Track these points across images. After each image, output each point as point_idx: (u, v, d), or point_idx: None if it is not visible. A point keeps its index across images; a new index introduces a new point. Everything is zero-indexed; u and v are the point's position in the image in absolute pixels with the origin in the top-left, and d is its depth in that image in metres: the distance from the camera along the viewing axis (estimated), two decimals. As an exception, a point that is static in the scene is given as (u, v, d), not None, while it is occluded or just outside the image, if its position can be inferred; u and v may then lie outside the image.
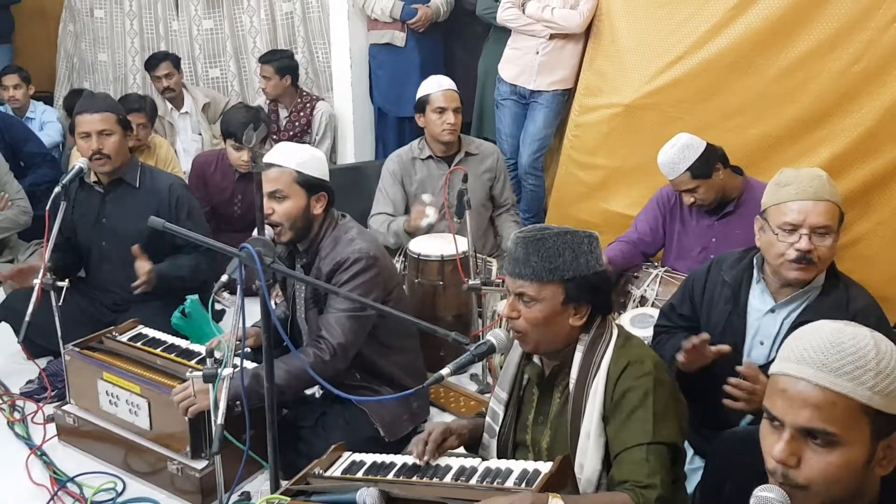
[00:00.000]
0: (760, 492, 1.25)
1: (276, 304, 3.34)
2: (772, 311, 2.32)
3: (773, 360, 2.31)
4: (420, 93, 3.78)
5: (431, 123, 3.71)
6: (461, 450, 2.14)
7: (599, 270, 1.95)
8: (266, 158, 2.60)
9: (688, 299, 2.53)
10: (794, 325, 2.29)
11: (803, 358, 1.23)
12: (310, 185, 2.64)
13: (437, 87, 3.74)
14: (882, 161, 3.28)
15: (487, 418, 2.13)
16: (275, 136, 5.03)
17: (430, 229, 3.51)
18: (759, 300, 2.36)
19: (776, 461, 1.24)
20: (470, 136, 4.10)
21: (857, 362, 1.20)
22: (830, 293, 2.27)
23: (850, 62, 3.31)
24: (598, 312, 1.97)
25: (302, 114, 5.12)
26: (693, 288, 2.52)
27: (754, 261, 2.39)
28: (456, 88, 3.79)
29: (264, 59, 5.03)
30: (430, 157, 3.77)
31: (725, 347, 2.25)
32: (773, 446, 1.25)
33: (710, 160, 3.12)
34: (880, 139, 3.27)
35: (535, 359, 2.05)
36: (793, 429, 1.23)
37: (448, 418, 3.02)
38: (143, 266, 3.13)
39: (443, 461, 2.00)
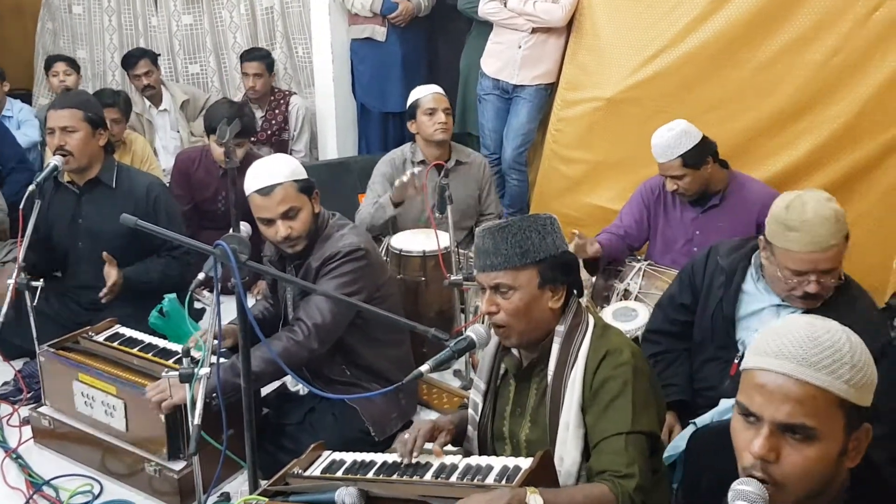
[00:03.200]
0: (738, 485, 1.24)
1: (255, 300, 3.32)
2: (777, 306, 2.36)
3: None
4: (410, 100, 3.82)
5: (423, 126, 3.73)
6: (448, 446, 2.12)
7: (566, 249, 1.97)
8: (257, 185, 2.54)
9: (688, 287, 2.58)
10: None
11: (782, 352, 1.23)
12: (307, 188, 2.62)
13: (425, 91, 3.79)
14: (862, 152, 3.29)
15: (470, 410, 2.13)
16: (252, 138, 4.98)
17: (406, 189, 3.47)
18: (761, 293, 2.39)
19: (756, 457, 1.23)
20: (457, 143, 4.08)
21: (833, 356, 1.21)
22: (840, 300, 2.29)
23: (830, 54, 3.31)
24: (572, 293, 1.98)
25: (277, 111, 5.07)
26: (693, 275, 2.57)
27: (752, 258, 2.43)
28: (444, 94, 3.83)
29: (251, 57, 4.95)
30: (422, 161, 3.78)
31: None
32: (751, 442, 1.24)
33: (704, 152, 3.14)
34: (860, 131, 3.28)
35: (514, 350, 2.04)
36: (772, 424, 1.22)
37: (432, 415, 3.01)
38: (111, 273, 3.10)
39: (423, 459, 1.99)
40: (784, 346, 1.23)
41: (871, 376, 1.24)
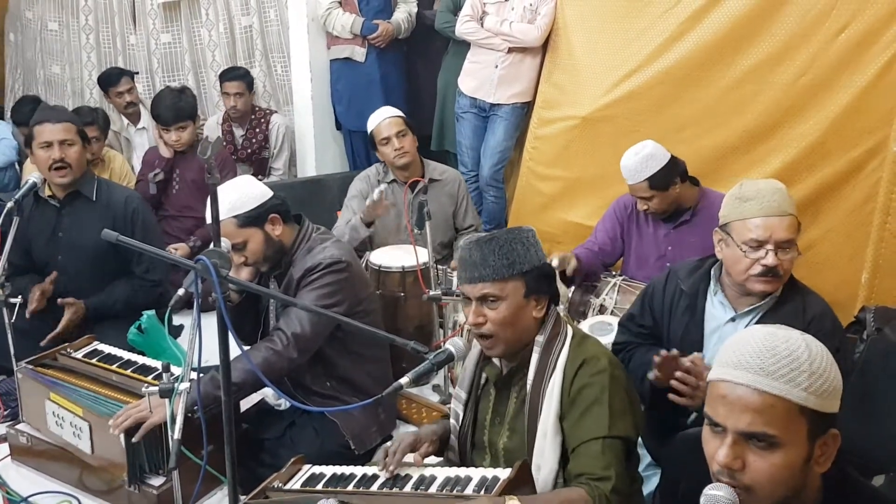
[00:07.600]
0: (710, 490, 1.28)
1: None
2: (732, 320, 2.35)
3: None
4: (368, 129, 3.84)
5: (383, 155, 3.79)
6: (431, 458, 2.15)
7: (546, 261, 2.04)
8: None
9: (648, 309, 2.56)
10: None
11: (740, 363, 1.27)
12: (255, 218, 2.62)
13: (376, 120, 3.80)
14: (830, 170, 3.37)
15: (451, 420, 2.16)
16: (233, 156, 4.99)
17: (376, 208, 3.52)
18: (718, 310, 2.39)
19: (720, 465, 1.27)
20: (431, 159, 4.09)
21: (791, 364, 1.25)
22: (787, 301, 2.30)
23: (798, 74, 3.40)
24: (552, 303, 2.04)
25: (258, 130, 5.10)
26: (652, 298, 2.55)
27: (711, 271, 2.43)
28: (397, 113, 3.81)
29: (230, 77, 4.96)
30: (393, 180, 3.82)
31: (697, 356, 2.25)
32: (717, 451, 1.28)
33: (670, 174, 3.17)
34: (827, 148, 3.36)
35: (495, 359, 2.07)
36: (735, 433, 1.26)
37: (411, 429, 3.02)
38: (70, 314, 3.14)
39: (402, 471, 2.01)
40: (743, 356, 1.28)
41: (833, 382, 1.27)
